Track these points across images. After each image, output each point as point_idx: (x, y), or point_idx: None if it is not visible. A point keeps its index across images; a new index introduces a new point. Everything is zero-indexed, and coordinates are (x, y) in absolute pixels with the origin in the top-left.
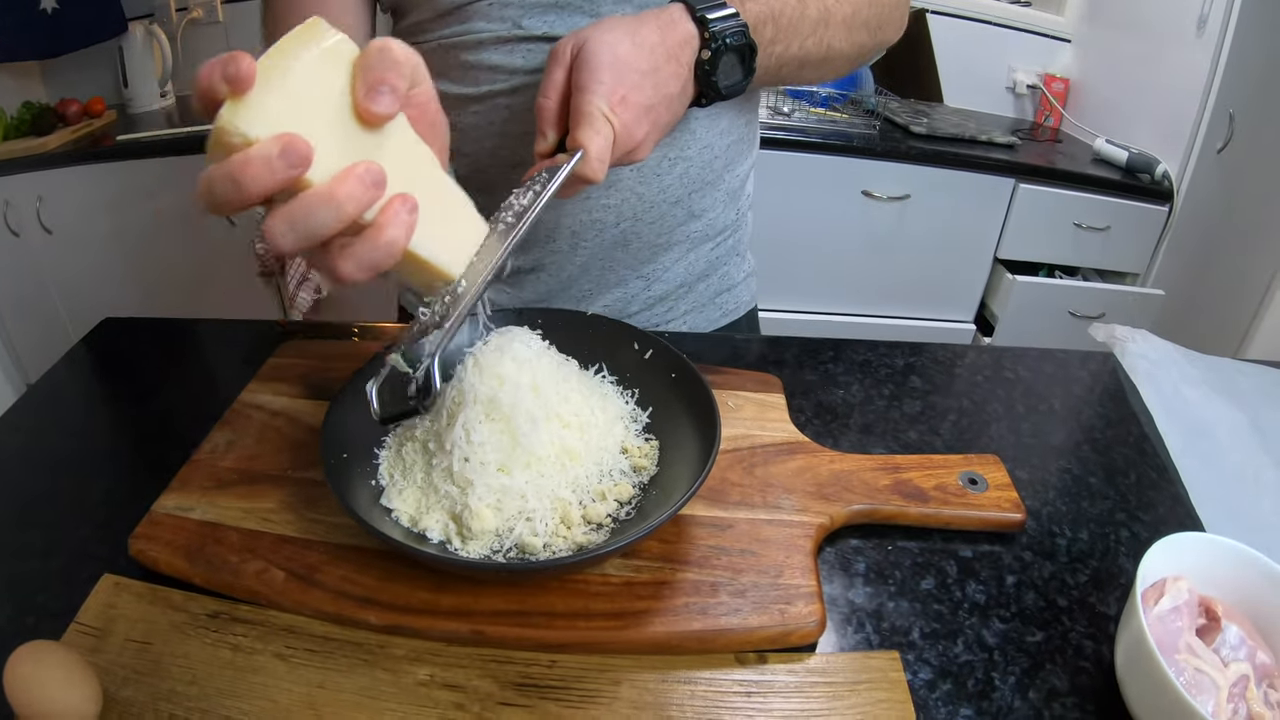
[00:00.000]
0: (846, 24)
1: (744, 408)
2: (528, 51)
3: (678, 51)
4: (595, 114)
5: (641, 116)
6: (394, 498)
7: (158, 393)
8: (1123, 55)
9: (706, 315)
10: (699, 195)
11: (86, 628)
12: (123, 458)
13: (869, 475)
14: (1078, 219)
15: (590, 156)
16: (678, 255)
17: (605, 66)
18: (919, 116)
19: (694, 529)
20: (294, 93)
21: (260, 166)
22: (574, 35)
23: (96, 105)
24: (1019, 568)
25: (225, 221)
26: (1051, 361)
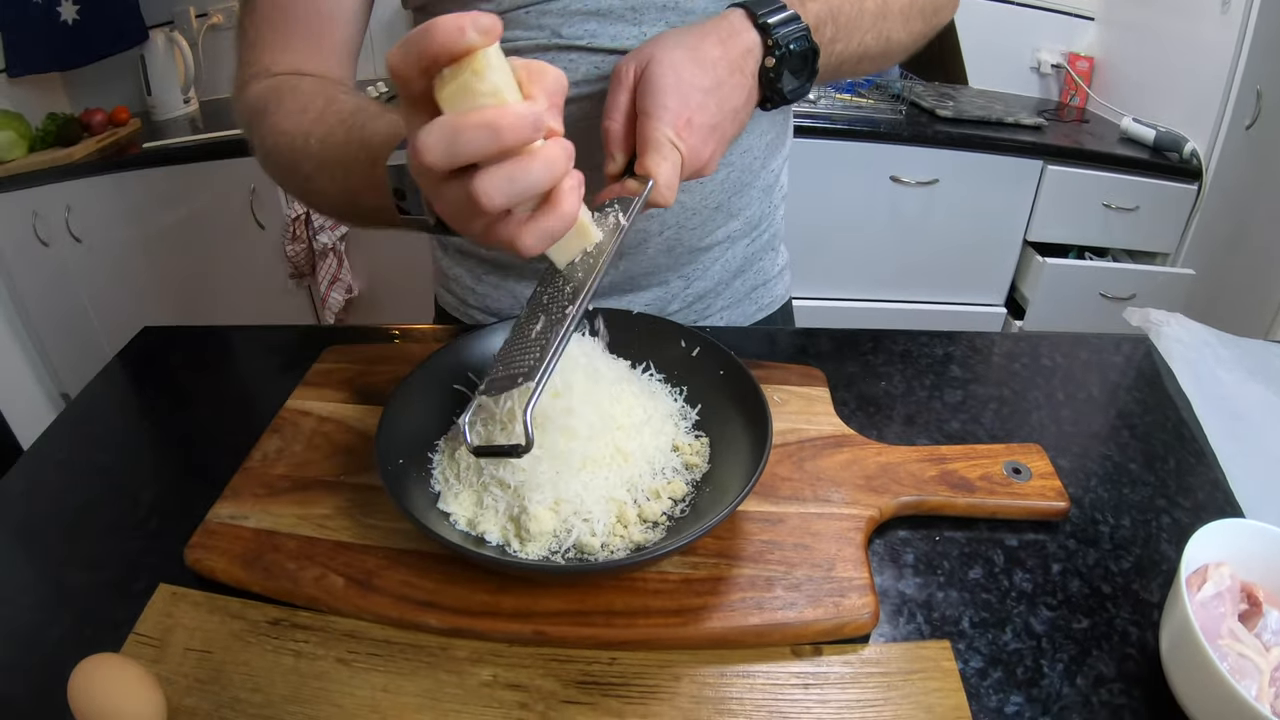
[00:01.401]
0: (904, 14)
1: (790, 401)
2: (569, 62)
3: (741, 63)
4: (662, 141)
5: (708, 136)
6: (450, 501)
7: (199, 401)
8: (1148, 33)
9: (743, 310)
10: (737, 196)
11: (145, 638)
12: (169, 468)
13: (915, 467)
14: (1107, 199)
15: (660, 185)
16: (716, 255)
17: (669, 90)
18: (945, 100)
19: (747, 524)
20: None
21: (516, 121)
22: (635, 55)
23: (121, 114)
24: (1064, 556)
25: (254, 225)
26: (1087, 347)
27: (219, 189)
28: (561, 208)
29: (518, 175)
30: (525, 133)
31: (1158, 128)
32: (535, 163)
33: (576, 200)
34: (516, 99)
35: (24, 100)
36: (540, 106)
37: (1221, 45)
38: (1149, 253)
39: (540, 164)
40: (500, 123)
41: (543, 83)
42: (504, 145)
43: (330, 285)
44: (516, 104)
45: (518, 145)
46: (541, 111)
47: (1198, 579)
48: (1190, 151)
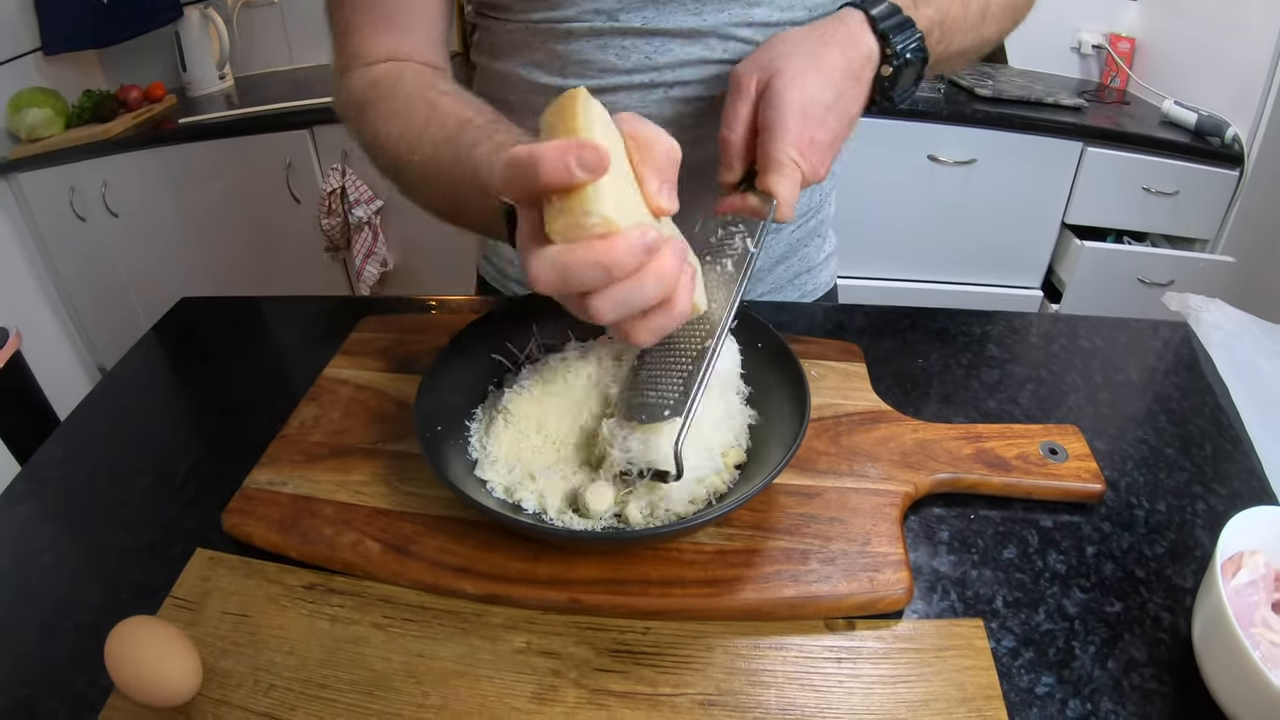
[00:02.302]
0: (999, 15)
1: (827, 377)
2: (621, 49)
3: (860, 72)
4: (785, 162)
5: (826, 152)
6: (488, 469)
7: (237, 370)
8: (1191, 14)
9: (784, 296)
10: None
11: (182, 601)
12: (206, 435)
13: (952, 444)
14: (1146, 183)
15: (782, 204)
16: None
17: (793, 109)
18: (984, 79)
19: (783, 497)
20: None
21: (625, 252)
22: (757, 66)
23: (156, 90)
24: (1098, 538)
25: (290, 199)
26: (1126, 331)
27: (254, 163)
28: (675, 310)
29: (632, 296)
30: (635, 265)
31: (1200, 111)
32: (648, 281)
33: (688, 299)
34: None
35: (60, 78)
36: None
37: (1267, 29)
38: (1187, 239)
39: (653, 282)
40: (609, 259)
41: (653, 160)
42: (614, 280)
43: (365, 259)
44: (627, 235)
45: (625, 276)
46: (651, 238)
47: (1232, 566)
48: (1232, 136)
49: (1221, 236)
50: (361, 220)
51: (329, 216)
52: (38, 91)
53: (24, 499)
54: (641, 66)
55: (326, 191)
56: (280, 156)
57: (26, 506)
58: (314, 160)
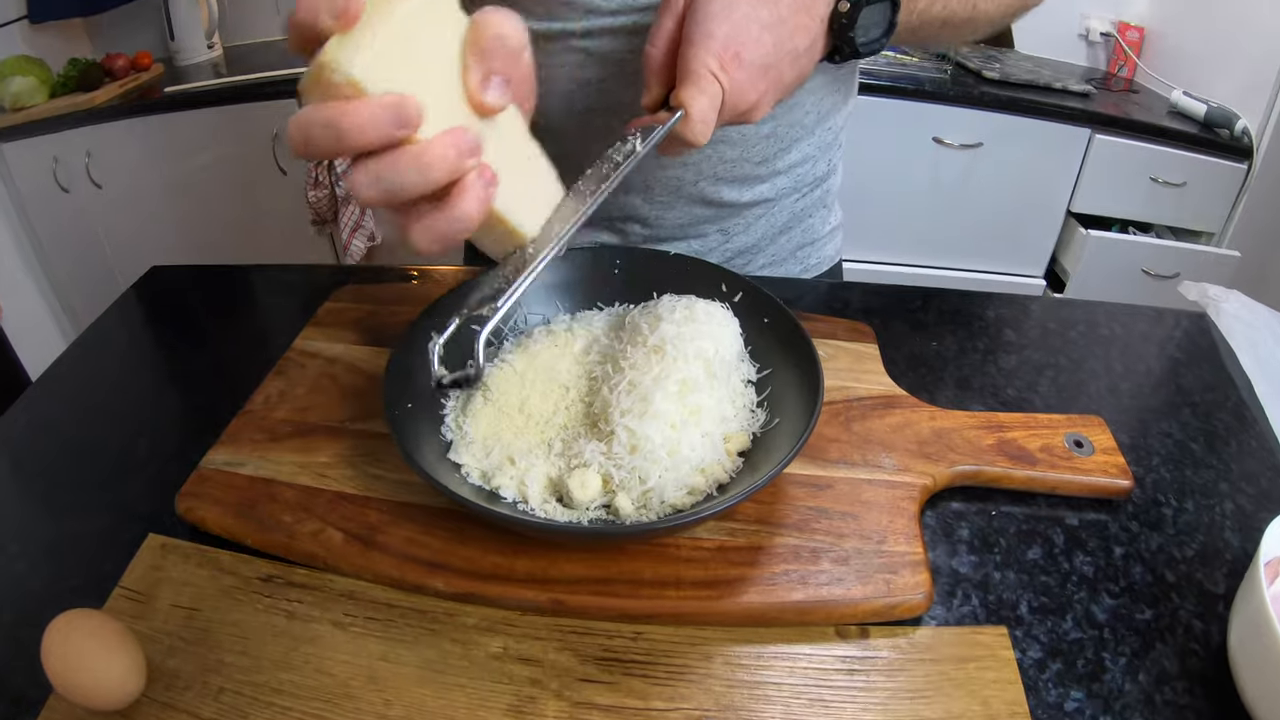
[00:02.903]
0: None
1: (838, 357)
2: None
3: (811, 2)
4: (701, 72)
5: (758, 76)
6: (463, 452)
7: (208, 342)
8: (1202, 4)
9: (786, 269)
10: (785, 153)
11: (131, 592)
12: (170, 410)
13: (972, 434)
14: (1154, 173)
15: (692, 118)
16: (761, 211)
17: (719, 17)
18: (991, 61)
19: (792, 488)
20: (398, 37)
21: (365, 119)
22: None
23: (143, 59)
24: (1126, 539)
25: (277, 171)
26: (1144, 319)
27: (241, 134)
28: (454, 210)
29: (384, 174)
30: (374, 134)
31: (1209, 103)
32: (402, 161)
33: (475, 204)
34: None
35: (46, 46)
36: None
37: (1278, 20)
38: (1193, 231)
39: (408, 163)
40: (342, 122)
41: (478, 45)
42: (349, 146)
43: (352, 232)
44: (373, 99)
45: (366, 146)
46: (406, 110)
47: (1271, 571)
48: (1241, 129)
49: (1228, 230)
50: (349, 192)
51: (316, 189)
52: (22, 60)
53: None
54: (626, 7)
55: (314, 163)
56: (267, 127)
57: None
58: None
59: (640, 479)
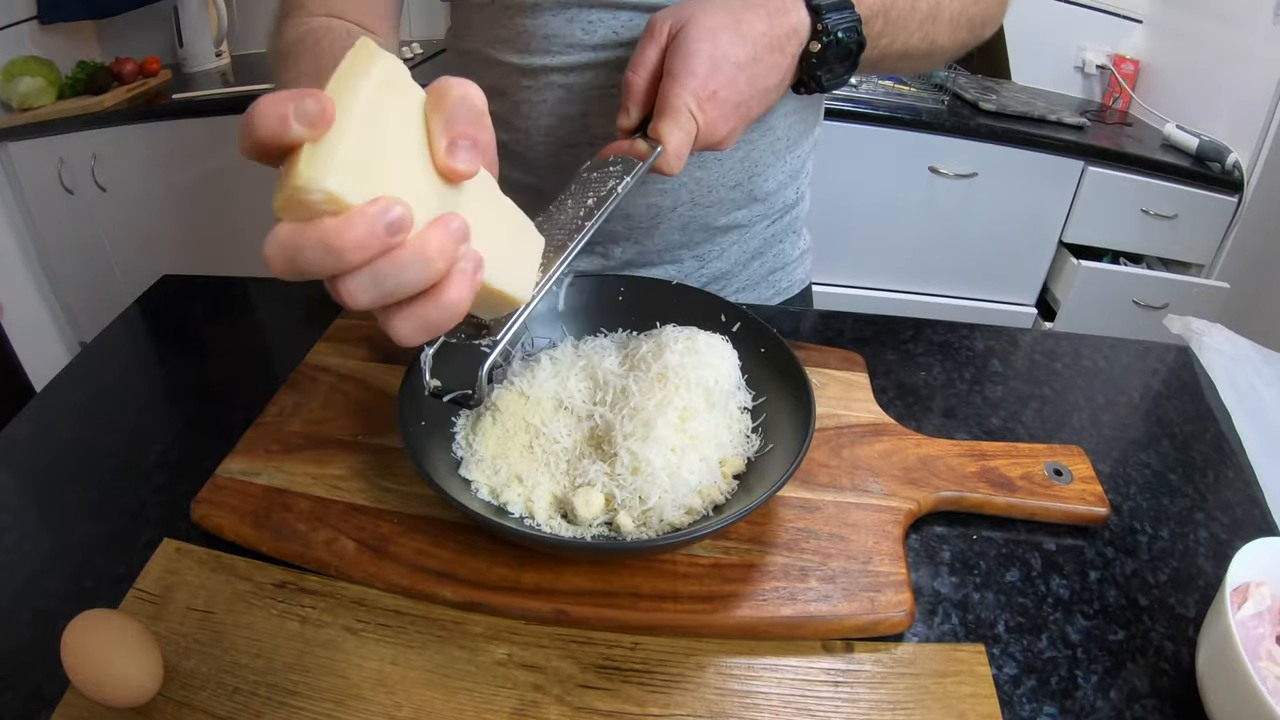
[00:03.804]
0: (953, 21)
1: (829, 386)
2: (588, 23)
3: (783, 42)
4: (681, 109)
5: (730, 113)
6: (473, 468)
7: (217, 353)
8: (1196, 39)
9: (759, 294)
10: (759, 178)
11: (146, 594)
12: (181, 419)
13: (956, 461)
14: (1146, 205)
15: (668, 152)
16: (735, 236)
17: (700, 57)
18: (988, 93)
19: (782, 510)
20: (363, 133)
21: (363, 236)
22: (674, 12)
23: (152, 64)
24: (1101, 563)
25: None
26: (1128, 352)
27: None
28: (443, 299)
29: (386, 278)
30: (375, 246)
31: (1201, 136)
32: (406, 260)
33: (466, 289)
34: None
35: (56, 48)
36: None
37: (1271, 56)
38: (1183, 263)
39: (413, 261)
40: (339, 242)
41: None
42: (349, 265)
43: None
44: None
45: (366, 262)
46: (394, 215)
47: (1238, 597)
48: (1233, 163)
49: (1218, 262)
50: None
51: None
52: (31, 60)
53: None
54: (608, 42)
55: None
56: None
57: None
58: None
59: (641, 499)
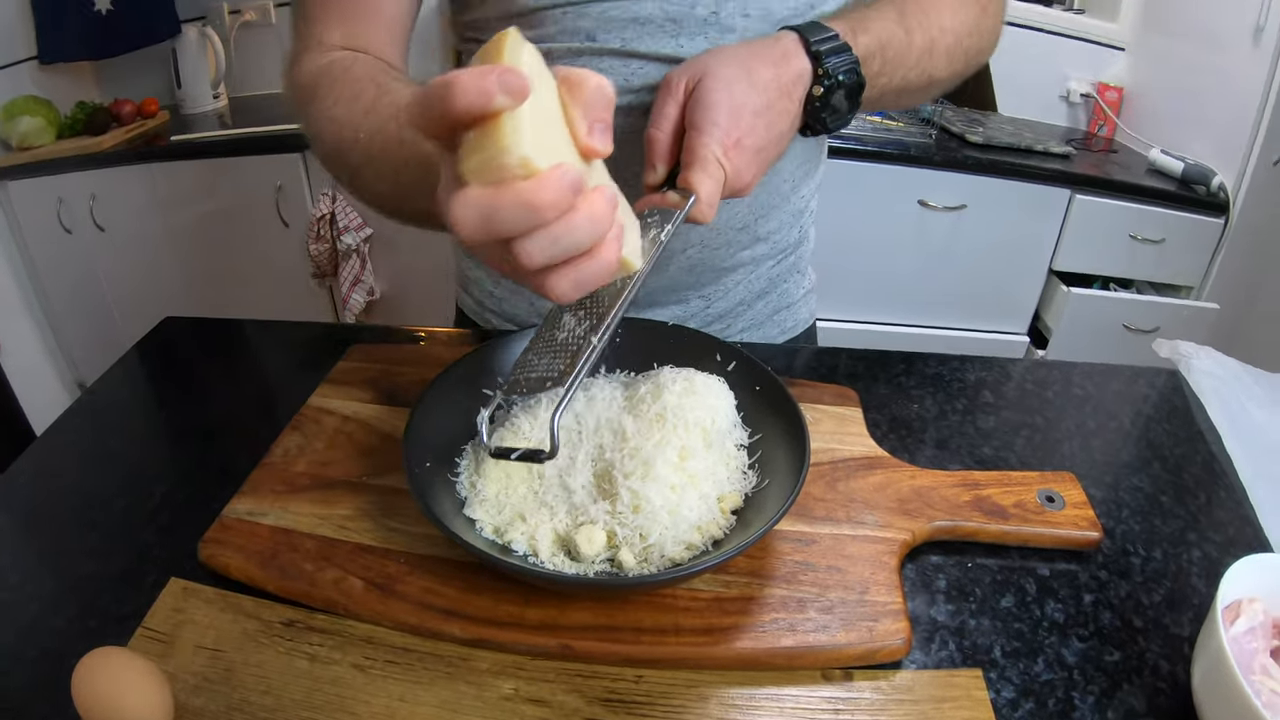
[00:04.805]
0: (949, 53)
1: (823, 421)
2: (598, 69)
3: (790, 88)
4: (710, 159)
5: (752, 159)
6: (477, 508)
7: (219, 394)
8: (1178, 64)
9: (764, 332)
10: (764, 219)
11: (154, 633)
12: (184, 459)
13: (949, 491)
14: (1133, 230)
15: (701, 201)
16: (740, 276)
17: (721, 108)
18: (975, 125)
19: (780, 544)
20: (535, 107)
21: (555, 194)
22: (689, 68)
23: (150, 106)
24: (1095, 586)
25: (279, 223)
26: (1117, 377)
27: (245, 185)
28: (603, 256)
29: (562, 237)
30: (565, 205)
31: (1185, 160)
32: (579, 221)
33: (618, 249)
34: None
35: (54, 87)
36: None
37: (1253, 78)
38: (1173, 285)
39: (585, 222)
40: (538, 200)
41: (582, 97)
42: (544, 221)
43: (352, 286)
44: (551, 174)
45: (556, 218)
46: (578, 174)
47: (1231, 614)
48: (1218, 185)
49: (1206, 283)
50: (350, 247)
51: (317, 242)
52: (31, 100)
53: None
54: (621, 89)
55: (316, 217)
56: (271, 179)
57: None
58: (305, 185)
59: (642, 536)
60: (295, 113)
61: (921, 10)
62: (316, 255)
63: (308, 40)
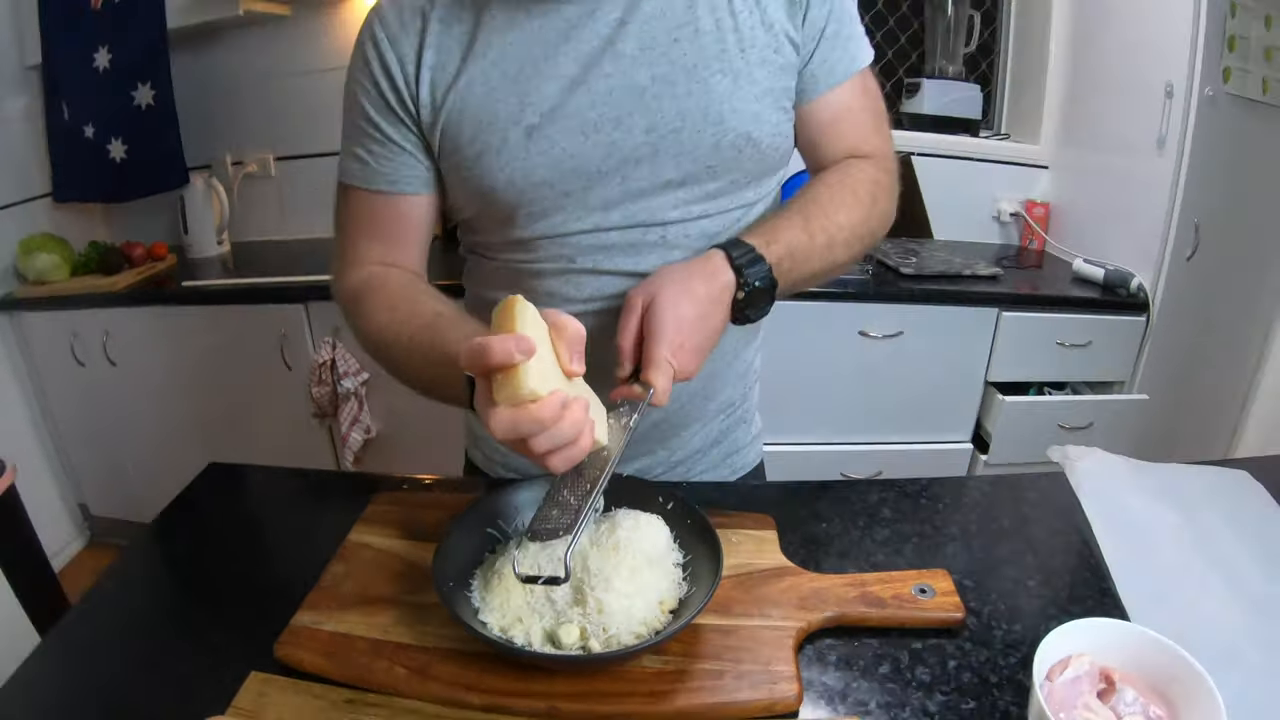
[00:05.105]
0: (846, 244)
1: (745, 543)
2: (578, 284)
3: (720, 296)
4: (661, 361)
5: (693, 356)
6: (487, 614)
7: (269, 528)
8: (1094, 177)
9: (719, 473)
10: (712, 386)
11: (242, 711)
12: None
13: (840, 590)
14: (1060, 338)
15: (658, 392)
16: (695, 430)
17: (668, 322)
18: (909, 256)
19: (707, 633)
20: (537, 356)
21: (552, 412)
22: (644, 288)
23: (159, 250)
24: (959, 655)
25: (282, 366)
26: (1006, 485)
27: (251, 331)
28: (582, 443)
29: (556, 435)
30: (557, 417)
31: (1106, 266)
32: (566, 426)
33: (591, 437)
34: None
35: (65, 224)
36: (562, 399)
37: (1160, 183)
38: (1106, 382)
39: (569, 426)
40: (542, 417)
41: (565, 338)
42: (545, 428)
43: (351, 426)
44: (549, 400)
45: (553, 424)
46: (565, 396)
47: (1061, 666)
48: (1137, 285)
49: (1136, 376)
50: (349, 391)
51: (319, 385)
52: (48, 238)
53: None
54: (593, 296)
55: (318, 362)
56: (276, 327)
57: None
58: (307, 332)
59: (604, 630)
60: (345, 316)
61: (822, 213)
62: (318, 397)
63: (349, 256)
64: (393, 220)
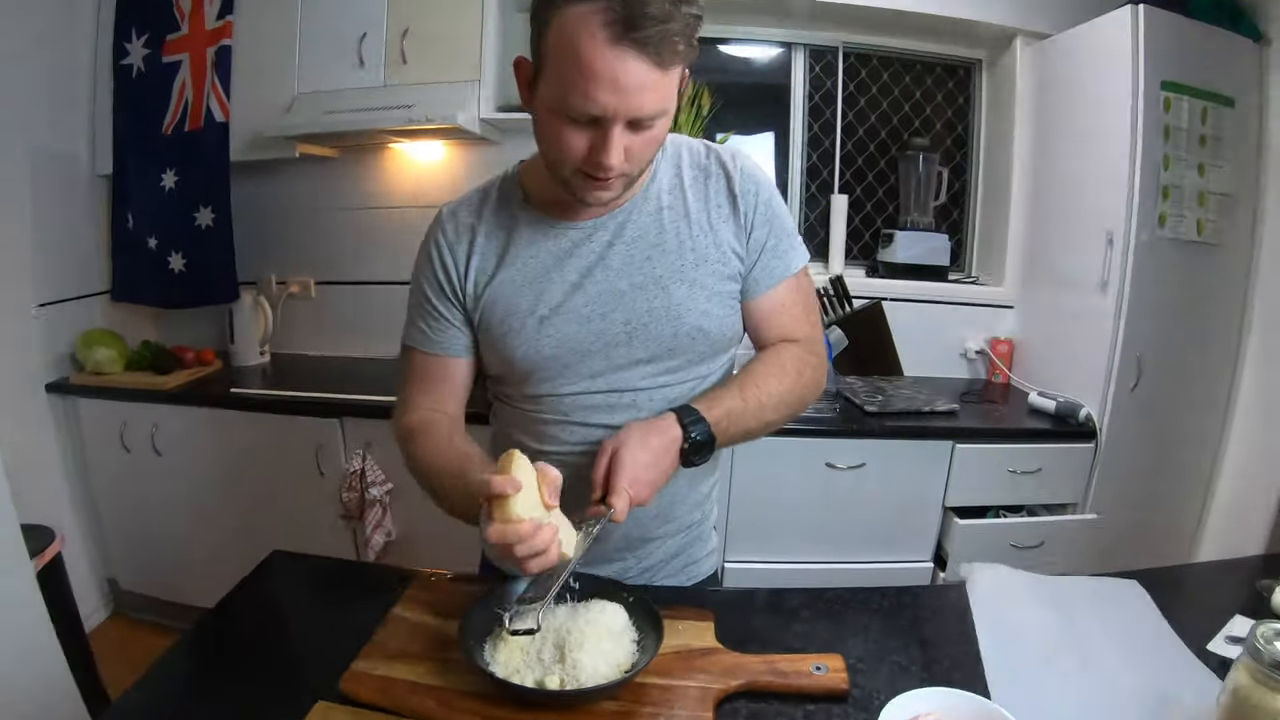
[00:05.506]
0: (776, 407)
1: (688, 630)
2: (571, 431)
3: (671, 446)
4: (620, 490)
5: (647, 487)
6: (495, 667)
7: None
8: (1049, 315)
9: (678, 580)
10: (671, 509)
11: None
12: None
13: (755, 665)
14: (1012, 466)
15: (617, 512)
16: (658, 544)
17: (628, 464)
18: (875, 394)
19: (651, 689)
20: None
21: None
22: (614, 439)
23: (208, 355)
24: (843, 715)
25: (316, 472)
26: (910, 594)
27: (290, 438)
28: (550, 555)
29: (532, 548)
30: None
31: (1058, 398)
32: (539, 541)
33: (557, 550)
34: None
35: (118, 320)
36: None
37: (1104, 319)
38: (1060, 504)
39: (541, 542)
40: (521, 534)
41: (546, 481)
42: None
43: (374, 529)
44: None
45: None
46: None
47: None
48: (1085, 415)
49: (1088, 498)
50: (375, 498)
51: (349, 491)
52: (107, 334)
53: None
54: (582, 441)
55: (350, 471)
56: (313, 439)
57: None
58: (341, 443)
59: (577, 680)
60: (400, 445)
61: (754, 384)
62: (347, 501)
63: (407, 402)
64: (441, 378)
